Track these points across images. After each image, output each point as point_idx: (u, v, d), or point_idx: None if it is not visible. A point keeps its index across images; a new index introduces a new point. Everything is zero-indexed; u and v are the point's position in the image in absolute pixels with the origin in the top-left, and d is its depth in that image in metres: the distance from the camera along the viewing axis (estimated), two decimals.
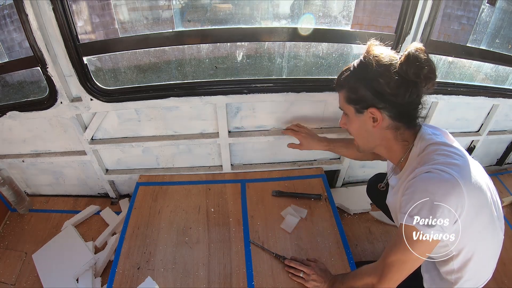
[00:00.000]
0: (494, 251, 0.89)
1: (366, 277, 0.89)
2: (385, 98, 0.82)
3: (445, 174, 0.74)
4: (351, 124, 0.92)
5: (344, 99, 0.89)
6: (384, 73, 0.80)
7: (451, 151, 0.80)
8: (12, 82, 2.43)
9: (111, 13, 3.50)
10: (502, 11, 2.18)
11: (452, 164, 0.76)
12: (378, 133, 0.88)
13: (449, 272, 0.87)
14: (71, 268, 1.30)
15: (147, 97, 1.29)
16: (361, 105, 0.86)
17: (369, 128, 0.88)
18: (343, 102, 0.90)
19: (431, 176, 0.75)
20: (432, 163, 0.78)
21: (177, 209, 1.39)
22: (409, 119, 0.86)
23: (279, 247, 1.21)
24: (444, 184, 0.73)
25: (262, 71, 2.01)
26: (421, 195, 0.74)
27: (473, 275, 0.87)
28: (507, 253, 1.42)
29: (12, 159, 1.53)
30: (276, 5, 1.90)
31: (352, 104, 0.88)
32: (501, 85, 1.62)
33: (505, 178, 1.84)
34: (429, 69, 0.78)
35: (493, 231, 0.84)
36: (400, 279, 0.81)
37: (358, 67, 0.86)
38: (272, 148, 1.54)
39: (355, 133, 0.94)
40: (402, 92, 0.80)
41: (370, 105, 0.84)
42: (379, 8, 4.40)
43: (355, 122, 0.90)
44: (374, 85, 0.82)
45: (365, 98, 0.84)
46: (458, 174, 0.73)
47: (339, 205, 1.61)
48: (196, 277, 1.13)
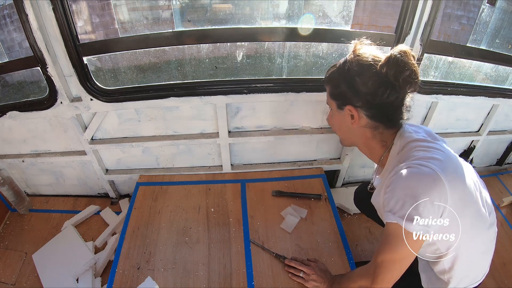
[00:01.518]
0: (486, 247, 0.88)
1: (360, 279, 0.89)
2: (362, 98, 0.83)
3: (424, 168, 0.74)
4: (333, 119, 0.96)
5: (328, 94, 0.93)
6: (363, 72, 0.81)
7: (430, 146, 0.81)
8: (12, 82, 2.43)
9: (111, 13, 3.50)
10: (502, 11, 2.18)
11: (431, 158, 0.76)
12: (357, 131, 0.90)
13: (441, 272, 0.87)
14: (71, 268, 1.30)
15: (147, 97, 1.29)
16: (341, 102, 0.89)
17: (348, 125, 0.90)
18: (328, 97, 0.94)
19: (411, 171, 0.75)
20: (412, 159, 0.78)
21: (177, 209, 1.39)
22: (388, 120, 0.86)
23: (279, 247, 1.21)
24: (425, 178, 0.73)
25: (262, 71, 2.01)
26: (402, 192, 0.74)
27: (465, 274, 0.87)
28: (507, 253, 1.42)
29: (12, 159, 1.52)
30: (276, 5, 1.90)
31: (334, 100, 0.91)
32: (501, 85, 1.62)
33: (505, 178, 1.84)
34: (409, 72, 0.77)
35: (481, 227, 0.84)
36: (393, 279, 0.81)
37: (342, 65, 0.88)
38: (272, 148, 1.54)
39: (337, 127, 0.97)
40: (380, 92, 0.81)
41: (348, 103, 0.86)
42: (379, 8, 4.40)
43: (337, 117, 0.93)
44: (352, 83, 0.83)
45: (345, 95, 0.86)
46: (438, 168, 0.73)
47: (339, 205, 1.61)
48: (196, 277, 1.13)
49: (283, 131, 1.47)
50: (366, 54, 0.83)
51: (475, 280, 0.90)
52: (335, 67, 0.91)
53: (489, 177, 1.85)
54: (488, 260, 0.91)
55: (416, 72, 0.78)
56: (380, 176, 0.92)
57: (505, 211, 1.65)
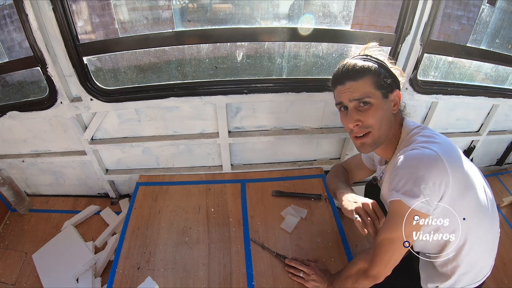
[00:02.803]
0: (490, 245, 0.89)
1: (359, 262, 0.91)
2: (396, 80, 0.88)
3: (426, 150, 0.77)
4: (375, 113, 0.84)
5: (372, 85, 0.84)
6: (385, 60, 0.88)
7: (432, 133, 0.85)
8: (12, 82, 2.43)
9: (111, 13, 3.50)
10: (502, 11, 2.18)
11: (433, 142, 0.80)
12: (393, 119, 0.90)
13: (445, 263, 0.87)
14: (71, 268, 1.30)
15: (147, 97, 1.29)
16: (387, 89, 0.86)
17: (390, 114, 0.88)
18: (370, 89, 0.84)
19: (413, 152, 0.78)
20: (415, 143, 0.82)
21: (177, 209, 1.39)
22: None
23: (279, 247, 1.21)
24: (427, 157, 0.76)
25: (262, 71, 2.01)
26: (405, 170, 0.77)
27: (470, 267, 0.86)
28: (507, 253, 1.42)
29: (12, 159, 1.53)
30: (276, 5, 1.89)
31: (380, 89, 0.84)
32: (501, 85, 1.62)
33: (505, 178, 1.84)
34: None
35: (485, 217, 0.84)
36: (391, 261, 0.81)
37: (363, 56, 0.89)
38: (272, 148, 1.54)
39: (379, 122, 0.86)
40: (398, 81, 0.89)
41: (395, 87, 0.88)
42: (379, 8, 4.40)
43: (381, 109, 0.85)
44: (387, 67, 0.87)
45: (387, 81, 0.85)
46: (439, 150, 0.77)
47: (339, 205, 1.61)
48: (196, 277, 1.13)
49: (283, 131, 1.47)
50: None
51: (475, 280, 0.89)
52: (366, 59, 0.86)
53: (489, 177, 1.85)
54: (490, 261, 0.91)
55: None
56: (388, 165, 0.94)
57: (505, 211, 1.65)
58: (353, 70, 0.85)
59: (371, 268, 0.85)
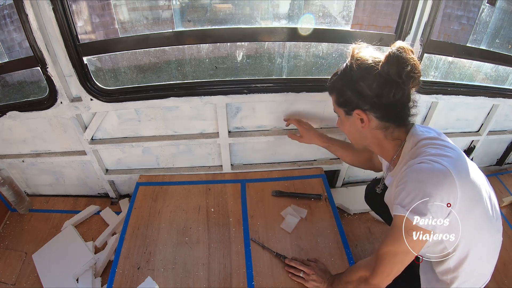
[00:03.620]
0: (492, 253, 0.88)
1: (360, 270, 0.91)
2: (368, 100, 0.83)
3: (436, 165, 0.74)
4: (343, 125, 0.95)
5: (335, 102, 0.93)
6: (366, 76, 0.82)
7: (443, 144, 0.82)
8: (12, 82, 2.43)
9: (111, 13, 3.50)
10: (502, 11, 2.18)
11: (444, 156, 0.77)
12: (368, 133, 0.90)
13: (445, 272, 0.87)
14: (71, 268, 1.30)
15: (147, 97, 1.29)
16: (348, 108, 0.88)
17: (359, 129, 0.90)
18: (334, 105, 0.94)
19: (423, 166, 0.76)
20: (424, 155, 0.78)
21: (177, 209, 1.39)
22: (397, 118, 0.87)
23: (279, 247, 1.21)
24: (436, 173, 0.73)
25: (262, 71, 2.01)
26: (413, 185, 0.75)
27: (470, 276, 0.86)
28: (507, 253, 1.42)
29: (12, 159, 1.52)
30: (276, 5, 1.90)
31: (341, 107, 0.91)
32: (501, 85, 1.63)
33: (505, 178, 1.84)
34: (411, 67, 0.77)
35: (489, 229, 0.83)
36: (392, 272, 0.81)
37: (343, 71, 0.88)
38: (272, 148, 1.54)
39: (348, 133, 0.97)
40: (386, 92, 0.81)
41: (355, 107, 0.86)
42: (379, 8, 4.40)
43: (346, 124, 0.93)
44: (357, 88, 0.84)
45: (351, 100, 0.86)
46: (450, 165, 0.74)
47: (339, 205, 1.61)
48: (196, 277, 1.13)
49: (283, 131, 1.47)
50: (365, 56, 0.83)
51: (476, 285, 0.89)
52: (336, 74, 0.91)
53: (489, 177, 1.83)
54: (491, 268, 0.90)
55: (417, 66, 0.79)
56: (392, 173, 0.92)
57: (505, 211, 1.65)
58: (327, 86, 0.95)
59: (372, 277, 0.84)
